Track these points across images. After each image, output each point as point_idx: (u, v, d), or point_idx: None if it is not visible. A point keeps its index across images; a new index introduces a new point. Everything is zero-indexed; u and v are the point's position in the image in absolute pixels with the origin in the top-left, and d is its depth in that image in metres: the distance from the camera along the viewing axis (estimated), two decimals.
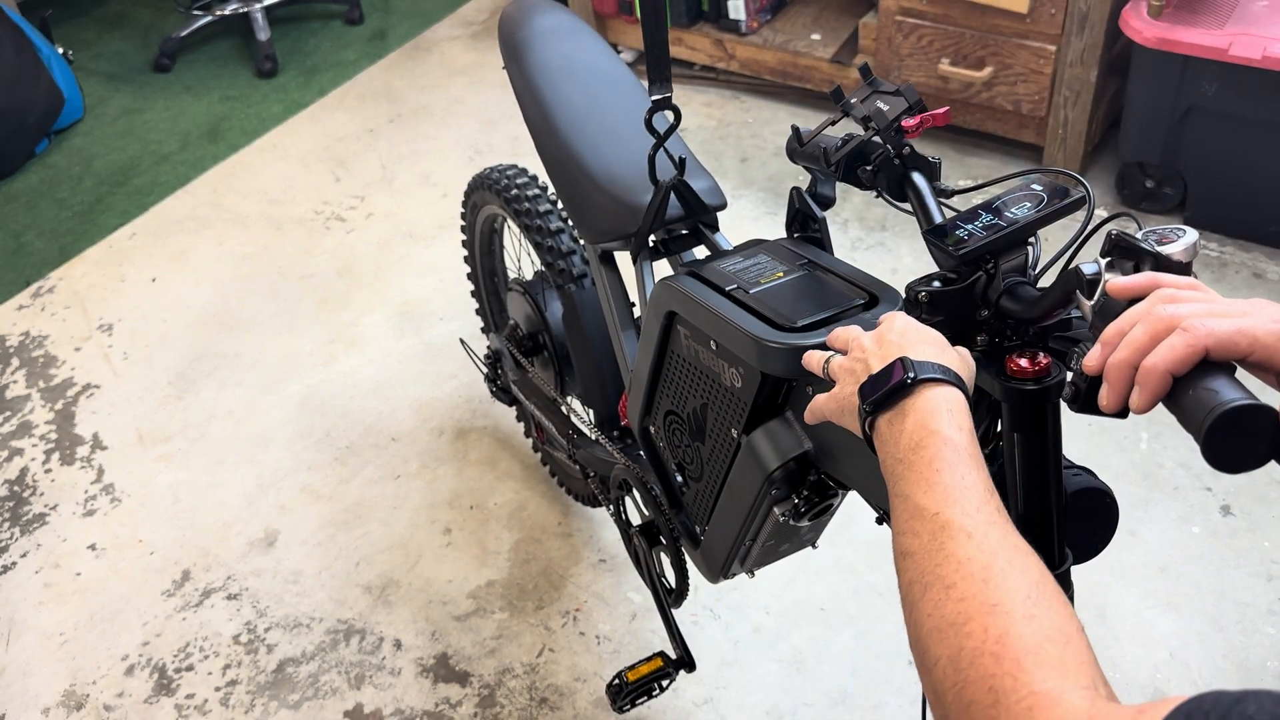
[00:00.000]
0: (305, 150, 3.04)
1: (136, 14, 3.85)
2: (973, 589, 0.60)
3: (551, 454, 1.92)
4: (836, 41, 2.86)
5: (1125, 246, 0.68)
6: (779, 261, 1.12)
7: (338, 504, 2.03)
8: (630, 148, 1.39)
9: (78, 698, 1.76)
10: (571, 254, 1.57)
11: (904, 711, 1.62)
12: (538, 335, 1.74)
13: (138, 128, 3.22)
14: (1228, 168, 2.30)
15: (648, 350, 1.25)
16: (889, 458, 0.73)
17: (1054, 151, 2.53)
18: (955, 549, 0.63)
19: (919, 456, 0.70)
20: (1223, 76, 2.16)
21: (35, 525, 2.05)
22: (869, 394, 0.76)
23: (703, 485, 1.26)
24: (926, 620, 0.61)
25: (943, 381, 0.73)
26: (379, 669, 1.75)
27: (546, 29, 1.56)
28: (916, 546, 0.66)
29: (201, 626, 1.84)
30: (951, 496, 0.66)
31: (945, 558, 0.63)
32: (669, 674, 1.49)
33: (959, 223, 0.82)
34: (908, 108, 0.98)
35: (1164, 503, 1.86)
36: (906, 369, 0.74)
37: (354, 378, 2.30)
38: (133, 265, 2.69)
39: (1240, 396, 0.54)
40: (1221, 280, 2.29)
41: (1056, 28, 2.37)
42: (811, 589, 1.79)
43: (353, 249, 2.66)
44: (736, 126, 2.93)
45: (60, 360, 2.42)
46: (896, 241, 2.48)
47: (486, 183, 1.74)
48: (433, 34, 3.55)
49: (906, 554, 0.66)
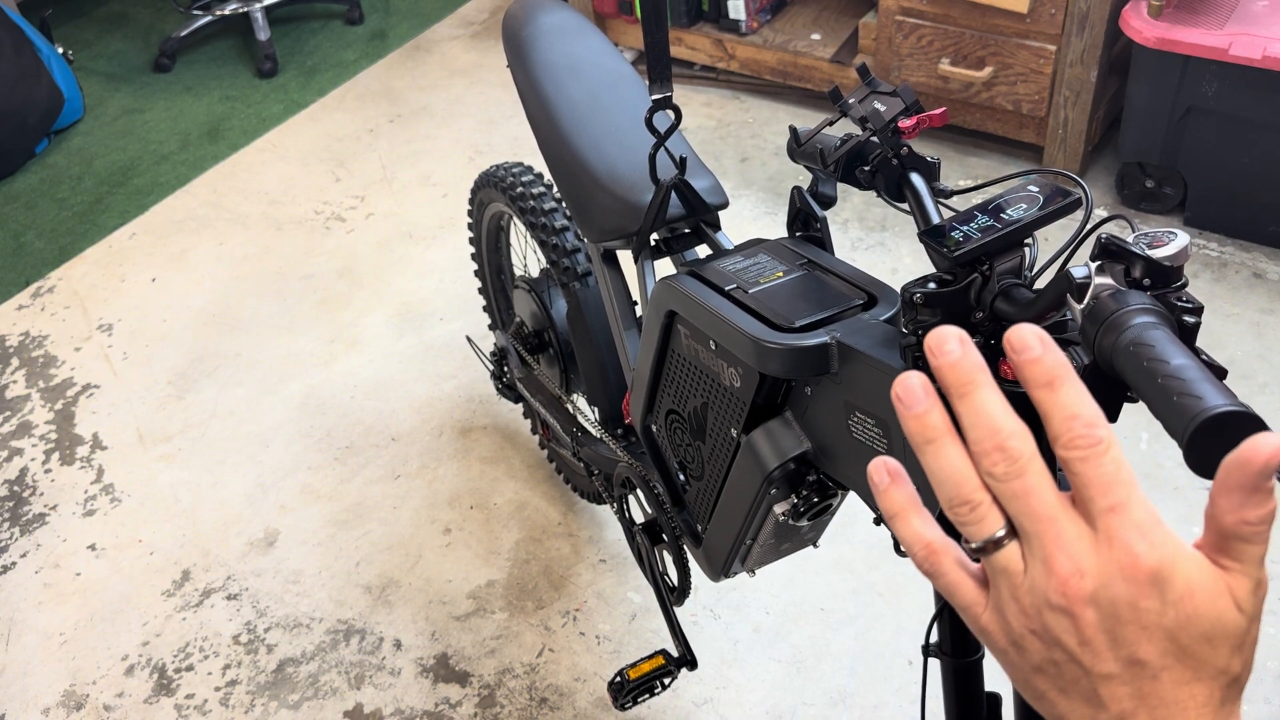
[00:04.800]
0: (305, 150, 3.04)
1: (136, 14, 3.85)
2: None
3: (557, 451, 1.92)
4: (836, 41, 2.86)
5: (1115, 250, 0.68)
6: (779, 261, 1.12)
7: (338, 504, 2.03)
8: (633, 147, 1.39)
9: (77, 698, 1.76)
10: (575, 252, 1.57)
11: (904, 711, 1.62)
12: (543, 333, 1.74)
13: (138, 128, 3.23)
14: (1228, 168, 2.30)
15: (649, 349, 1.25)
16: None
17: (1054, 151, 2.54)
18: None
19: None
20: (1223, 76, 2.16)
21: (35, 525, 2.05)
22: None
23: (704, 484, 1.27)
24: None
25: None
26: (379, 669, 1.75)
27: (550, 27, 1.56)
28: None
29: (201, 626, 1.85)
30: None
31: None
32: (670, 672, 1.50)
33: (955, 224, 0.81)
34: (904, 108, 0.98)
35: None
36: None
37: (354, 378, 2.30)
38: (133, 265, 2.69)
39: (1225, 402, 0.53)
40: (1222, 280, 2.29)
41: (1056, 28, 2.37)
42: (811, 589, 1.79)
43: (353, 249, 2.66)
44: (736, 126, 2.93)
45: (60, 360, 2.43)
46: (897, 241, 2.48)
47: (492, 180, 1.74)
48: (433, 34, 3.55)
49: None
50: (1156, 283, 0.65)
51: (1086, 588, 0.46)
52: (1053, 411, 0.47)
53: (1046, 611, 0.47)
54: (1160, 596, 0.45)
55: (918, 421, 0.49)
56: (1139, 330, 0.60)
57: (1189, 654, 0.46)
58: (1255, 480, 0.44)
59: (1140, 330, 0.60)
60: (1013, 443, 0.47)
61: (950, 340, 0.48)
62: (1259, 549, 0.46)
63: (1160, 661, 0.46)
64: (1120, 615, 0.46)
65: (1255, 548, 0.46)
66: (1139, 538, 0.45)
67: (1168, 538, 0.46)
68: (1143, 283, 0.65)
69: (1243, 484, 0.45)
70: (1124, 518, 0.46)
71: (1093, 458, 0.46)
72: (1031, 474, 0.47)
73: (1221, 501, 0.45)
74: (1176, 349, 0.58)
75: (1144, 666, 0.46)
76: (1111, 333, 0.62)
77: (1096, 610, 0.46)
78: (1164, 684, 0.46)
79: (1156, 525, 0.46)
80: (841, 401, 0.96)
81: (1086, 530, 0.46)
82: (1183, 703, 0.46)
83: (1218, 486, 0.46)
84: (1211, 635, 0.46)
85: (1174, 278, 0.66)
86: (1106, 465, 0.46)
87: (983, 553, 0.48)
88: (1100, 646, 0.46)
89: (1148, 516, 0.46)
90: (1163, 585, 0.45)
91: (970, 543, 0.49)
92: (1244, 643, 0.47)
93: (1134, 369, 0.59)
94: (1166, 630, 0.46)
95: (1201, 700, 0.47)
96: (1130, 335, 0.61)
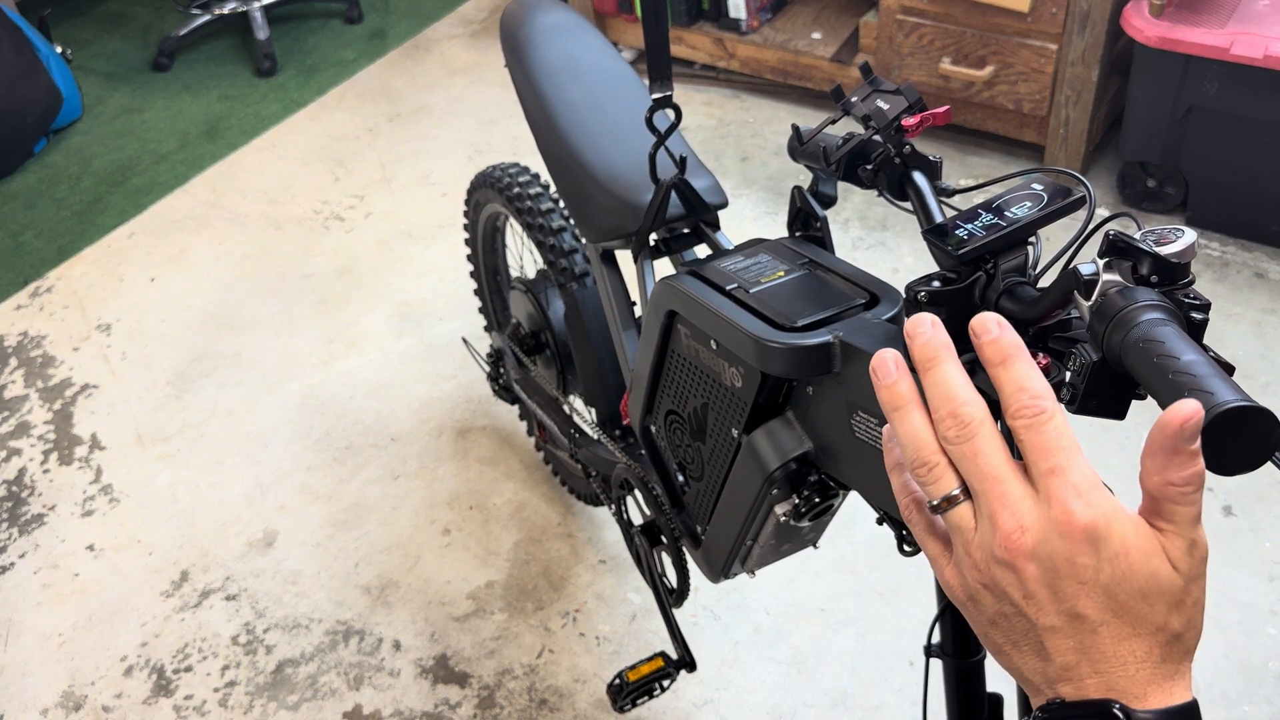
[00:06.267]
0: (304, 149, 3.04)
1: (135, 13, 3.85)
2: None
3: (554, 453, 1.92)
4: (837, 40, 2.85)
5: (1122, 247, 0.67)
6: (780, 261, 1.12)
7: (337, 504, 2.03)
8: (632, 146, 1.39)
9: (76, 698, 1.76)
10: (573, 253, 1.56)
11: (904, 712, 1.62)
12: (540, 334, 1.74)
13: (136, 127, 3.22)
14: (1229, 167, 2.29)
15: (648, 349, 1.25)
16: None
17: (1055, 151, 2.53)
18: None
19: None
20: (1224, 76, 2.15)
21: (34, 526, 2.05)
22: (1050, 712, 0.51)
23: (703, 485, 1.26)
24: None
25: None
26: (378, 670, 1.75)
27: (548, 27, 1.56)
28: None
29: (200, 627, 1.84)
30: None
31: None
32: (670, 674, 1.49)
33: (959, 222, 0.81)
34: (908, 107, 0.97)
35: None
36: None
37: (353, 378, 2.30)
38: (131, 265, 2.68)
39: (1237, 398, 0.53)
40: (1223, 280, 2.29)
41: (1058, 27, 2.37)
42: (812, 589, 1.79)
43: (352, 249, 2.66)
44: (737, 126, 2.93)
45: (59, 360, 2.42)
46: (897, 241, 2.48)
47: (489, 181, 1.73)
48: (432, 33, 3.54)
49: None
50: (1164, 280, 0.65)
51: (1027, 543, 0.49)
52: (1005, 385, 0.51)
53: (993, 566, 0.51)
54: (1096, 553, 0.48)
55: (888, 391, 0.55)
56: (1148, 326, 0.60)
57: (1126, 610, 0.49)
58: (1174, 442, 0.47)
59: (1149, 326, 0.60)
60: (965, 410, 0.52)
61: (923, 323, 0.54)
62: (1190, 509, 0.49)
63: (1099, 616, 0.49)
64: (1059, 570, 0.49)
65: (1186, 509, 0.49)
66: (1075, 497, 0.48)
67: (1104, 499, 0.49)
68: (1150, 280, 0.65)
69: (1164, 446, 0.48)
70: (1063, 479, 0.49)
71: (1036, 425, 0.50)
72: (981, 438, 0.51)
73: (1148, 463, 0.49)
74: (1186, 345, 0.58)
75: (1084, 620, 0.49)
76: (1120, 329, 0.62)
77: (1037, 565, 0.49)
78: (1104, 638, 0.49)
79: (1094, 488, 0.49)
80: (843, 401, 0.95)
81: (1030, 491, 0.50)
82: (1122, 656, 0.49)
83: (1145, 450, 0.49)
84: (1147, 592, 0.49)
85: (1181, 275, 0.66)
86: (1049, 432, 0.49)
87: (939, 511, 0.53)
88: (1043, 600, 0.50)
89: (1085, 479, 0.49)
90: (1097, 542, 0.48)
91: (931, 501, 0.53)
92: (1182, 601, 0.50)
93: (1144, 365, 0.59)
94: (1104, 586, 0.49)
95: (1141, 655, 0.49)
96: (1139, 331, 0.61)
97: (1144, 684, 0.49)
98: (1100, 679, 0.49)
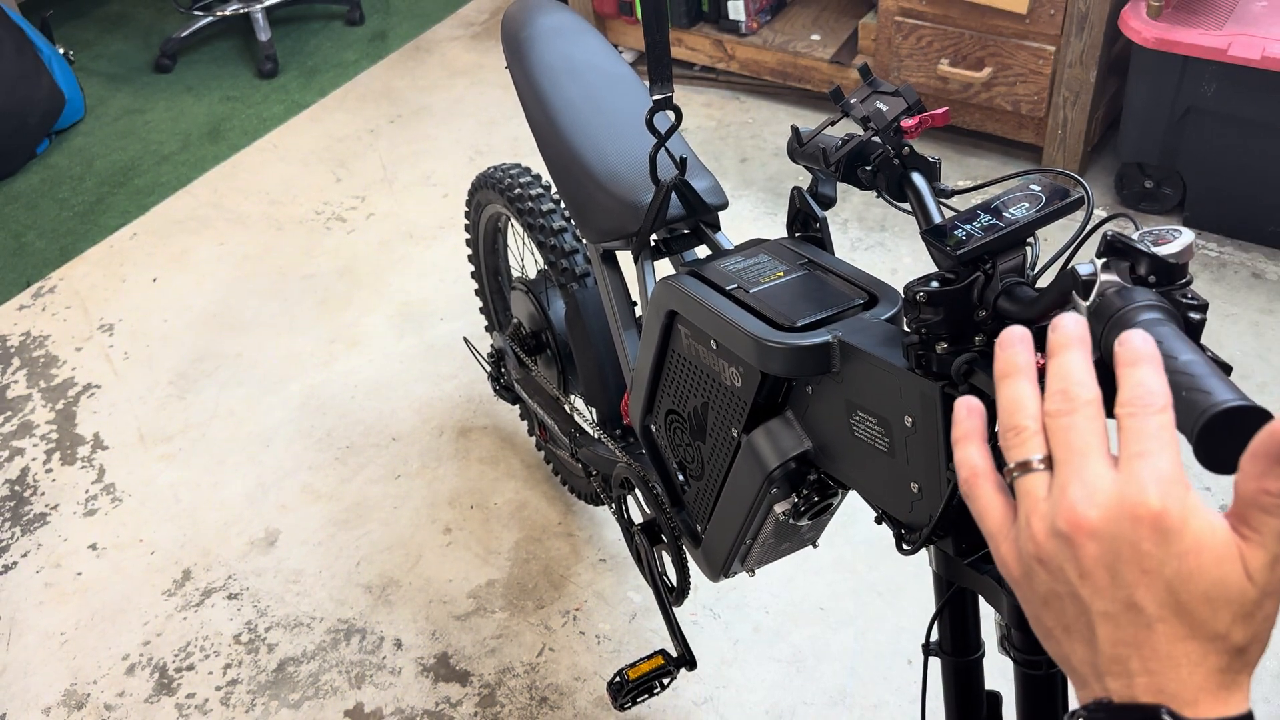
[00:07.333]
0: (306, 150, 3.05)
1: (137, 14, 3.86)
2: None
3: (555, 452, 1.92)
4: (836, 42, 2.86)
5: (1120, 247, 0.68)
6: (779, 261, 1.12)
7: (338, 503, 2.03)
8: (632, 147, 1.40)
9: (78, 697, 1.76)
10: (574, 253, 1.57)
11: (903, 711, 1.62)
12: (541, 334, 1.75)
13: (139, 128, 3.23)
14: (1227, 168, 2.30)
15: (649, 349, 1.25)
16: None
17: (1053, 152, 2.54)
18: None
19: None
20: (1222, 77, 2.16)
21: (36, 525, 2.05)
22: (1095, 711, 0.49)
23: (703, 484, 1.27)
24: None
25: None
26: (379, 668, 1.76)
27: (549, 28, 1.56)
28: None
29: (202, 626, 1.85)
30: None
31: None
32: (670, 672, 1.50)
33: (958, 223, 0.82)
34: (906, 108, 0.98)
35: None
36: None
37: (355, 377, 2.30)
38: (134, 265, 2.69)
39: (1234, 397, 0.54)
40: (1220, 280, 2.30)
41: (1056, 28, 2.38)
42: (811, 588, 1.80)
43: (353, 249, 2.66)
44: (736, 127, 2.93)
45: (61, 360, 2.43)
46: (896, 242, 2.49)
47: (490, 181, 1.74)
48: (433, 34, 3.55)
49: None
50: (1161, 280, 0.65)
51: (1092, 517, 0.47)
52: (1126, 380, 0.51)
53: (1051, 538, 0.49)
54: (1164, 544, 0.46)
55: (1006, 355, 0.55)
56: (1146, 326, 0.61)
57: (1186, 610, 0.47)
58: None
59: (1147, 326, 0.61)
60: (1076, 389, 0.51)
61: (1068, 319, 0.54)
62: (1279, 522, 0.46)
63: (1157, 611, 0.47)
64: (1121, 553, 0.47)
65: (1275, 520, 0.46)
66: (1154, 483, 0.47)
67: (1185, 493, 0.47)
68: (1148, 280, 0.65)
69: (1270, 452, 0.46)
70: (1147, 463, 0.47)
71: (1142, 414, 0.49)
72: (1082, 414, 0.51)
73: (1248, 466, 0.47)
74: (1184, 345, 0.58)
75: (1140, 612, 0.47)
76: (1118, 329, 0.62)
77: (1098, 544, 0.47)
78: (1158, 635, 0.47)
79: (1177, 482, 0.47)
80: (843, 400, 0.96)
81: (1111, 473, 0.48)
82: (1176, 658, 0.47)
83: (1248, 453, 0.47)
84: (1212, 596, 0.46)
85: (1179, 275, 0.66)
86: (1152, 423, 0.49)
87: (1014, 474, 0.52)
88: (1100, 581, 0.48)
89: (1171, 471, 0.47)
90: (1167, 533, 0.46)
91: (1009, 464, 0.52)
92: (1251, 614, 0.47)
93: None
94: (1166, 580, 0.47)
95: (1196, 659, 0.47)
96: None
97: (1196, 690, 0.47)
98: (1150, 679, 0.47)
